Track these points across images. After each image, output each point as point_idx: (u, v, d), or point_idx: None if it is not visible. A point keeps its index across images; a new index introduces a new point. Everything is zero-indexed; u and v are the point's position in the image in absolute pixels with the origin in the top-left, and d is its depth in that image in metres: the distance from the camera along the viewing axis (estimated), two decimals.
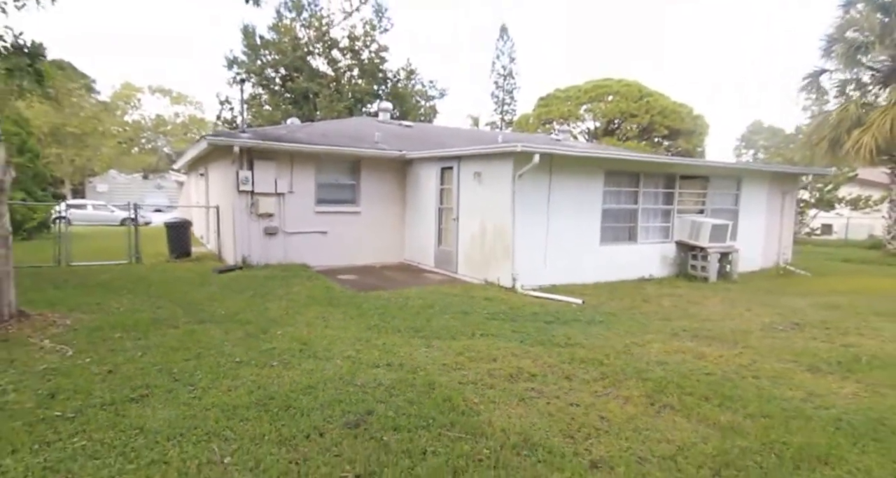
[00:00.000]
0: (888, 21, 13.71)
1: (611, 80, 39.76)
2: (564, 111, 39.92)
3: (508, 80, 50.08)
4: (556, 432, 3.49)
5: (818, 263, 14.30)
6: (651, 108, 37.82)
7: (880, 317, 7.25)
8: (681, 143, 39.66)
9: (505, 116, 48.94)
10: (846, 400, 4.15)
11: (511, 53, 49.58)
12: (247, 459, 3.03)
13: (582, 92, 39.67)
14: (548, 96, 41.86)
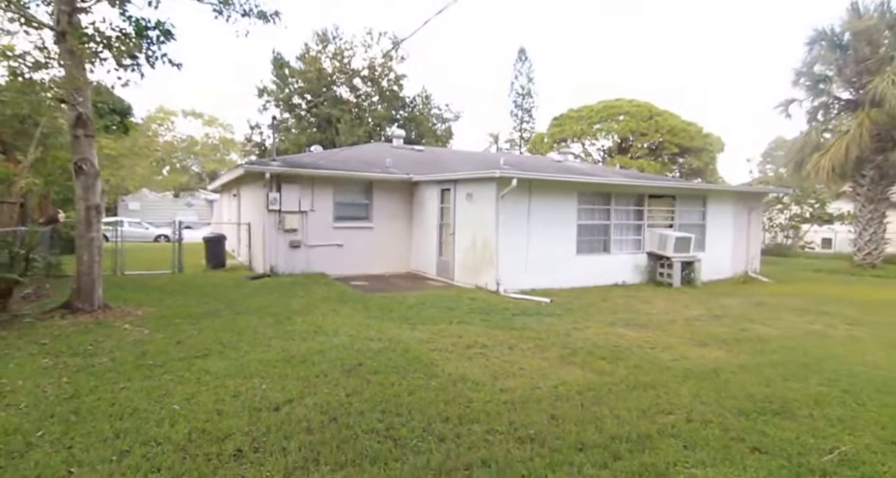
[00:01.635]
0: (845, 58, 15.16)
1: (622, 100, 41.00)
2: (577, 130, 41.24)
3: (527, 99, 52.07)
4: (485, 375, 5.14)
5: (790, 273, 15.57)
6: (660, 127, 38.85)
7: (791, 311, 8.71)
8: (691, 160, 40.66)
9: (524, 134, 50.77)
10: (704, 360, 5.71)
11: (529, 74, 51.63)
12: (276, 387, 4.74)
13: (594, 112, 40.91)
14: (561, 116, 43.19)
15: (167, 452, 3.38)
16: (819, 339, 6.93)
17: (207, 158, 56.21)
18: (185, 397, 4.37)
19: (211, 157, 56.00)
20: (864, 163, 15.60)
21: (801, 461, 3.36)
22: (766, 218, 24.43)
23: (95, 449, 3.41)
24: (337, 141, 30.31)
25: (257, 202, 13.29)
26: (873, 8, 14.95)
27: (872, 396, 4.62)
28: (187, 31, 69.91)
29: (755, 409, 4.27)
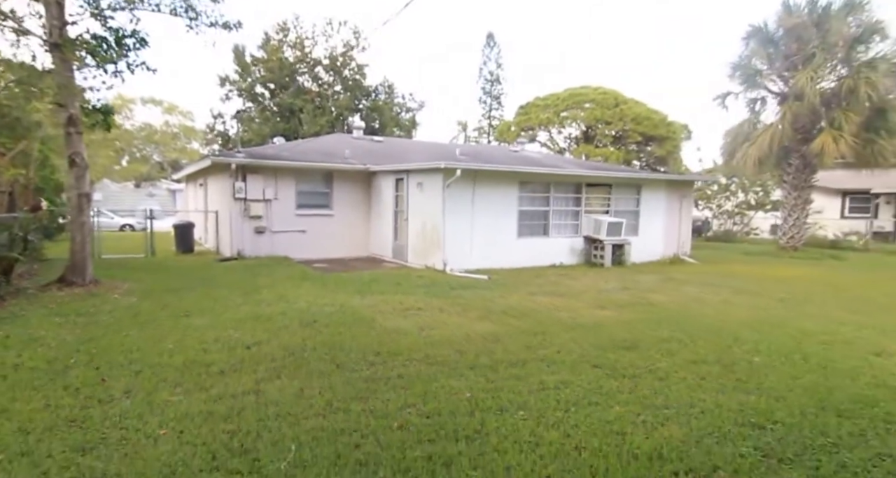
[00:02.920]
0: (776, 54, 16.85)
1: (588, 88, 41.57)
2: (543, 119, 41.99)
3: (496, 85, 53.15)
4: (414, 327, 6.45)
5: (720, 256, 17.37)
6: (625, 115, 39.61)
7: (692, 285, 10.35)
8: (654, 149, 42.13)
9: (493, 122, 51.79)
10: (594, 317, 7.17)
11: (498, 60, 52.60)
12: (247, 335, 5.94)
13: (560, 100, 41.39)
14: (527, 105, 43.74)
15: (169, 371, 4.60)
16: (699, 304, 8.49)
17: (168, 147, 55.57)
18: (176, 341, 5.56)
19: (171, 145, 55.34)
20: (789, 152, 17.39)
21: (624, 373, 4.78)
22: (716, 205, 26.24)
23: (116, 369, 4.62)
24: (299, 131, 31.04)
25: (224, 191, 14.24)
26: (803, 5, 16.51)
27: (704, 337, 6.13)
28: (146, 18, 68.29)
29: (611, 346, 5.71)
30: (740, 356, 5.28)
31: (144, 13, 7.86)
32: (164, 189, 48.11)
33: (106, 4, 7.23)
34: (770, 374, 4.71)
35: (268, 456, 3.13)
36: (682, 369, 4.86)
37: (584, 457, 3.11)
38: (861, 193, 24.84)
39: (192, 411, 3.81)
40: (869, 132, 15.47)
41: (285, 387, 4.31)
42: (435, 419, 3.69)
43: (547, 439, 3.37)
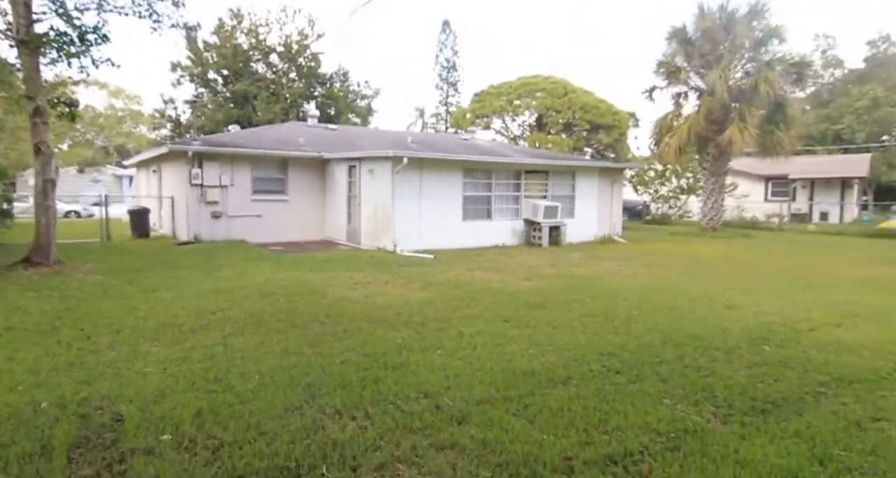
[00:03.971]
0: (693, 52, 18.46)
1: (539, 77, 42.72)
2: (497, 106, 43.04)
3: (452, 72, 53.75)
4: (361, 296, 7.42)
5: (649, 236, 18.95)
6: (573, 104, 41.11)
7: (613, 261, 11.71)
8: (602, 136, 43.84)
9: (450, 108, 52.32)
10: (518, 286, 8.31)
11: (454, 46, 53.10)
12: (212, 305, 6.76)
13: (513, 88, 42.44)
14: (482, 92, 44.45)
15: (145, 331, 5.43)
16: (611, 275, 9.78)
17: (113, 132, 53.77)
18: (148, 310, 6.36)
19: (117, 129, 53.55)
20: (707, 142, 19.12)
21: (527, 324, 5.91)
22: (653, 190, 28.00)
23: (98, 329, 5.42)
24: (253, 118, 31.09)
25: (180, 177, 14.70)
26: (715, 9, 18.28)
27: (602, 299, 7.37)
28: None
29: (524, 306, 6.85)
30: (623, 311, 6.51)
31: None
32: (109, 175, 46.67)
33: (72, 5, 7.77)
34: (639, 322, 5.94)
35: (237, 382, 4.06)
36: (573, 321, 6.03)
37: (478, 375, 4.19)
38: (780, 178, 27.16)
39: (170, 357, 4.68)
40: (770, 124, 17.33)
41: (248, 340, 5.22)
42: (370, 357, 4.70)
43: (454, 366, 4.43)
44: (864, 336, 5.38)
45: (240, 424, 3.28)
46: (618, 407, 3.49)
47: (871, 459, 2.94)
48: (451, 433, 3.13)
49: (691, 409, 3.49)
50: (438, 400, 3.65)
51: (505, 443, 2.99)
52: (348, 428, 3.23)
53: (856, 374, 4.19)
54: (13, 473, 2.76)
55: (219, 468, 2.76)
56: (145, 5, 8.55)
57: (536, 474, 2.68)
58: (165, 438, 3.12)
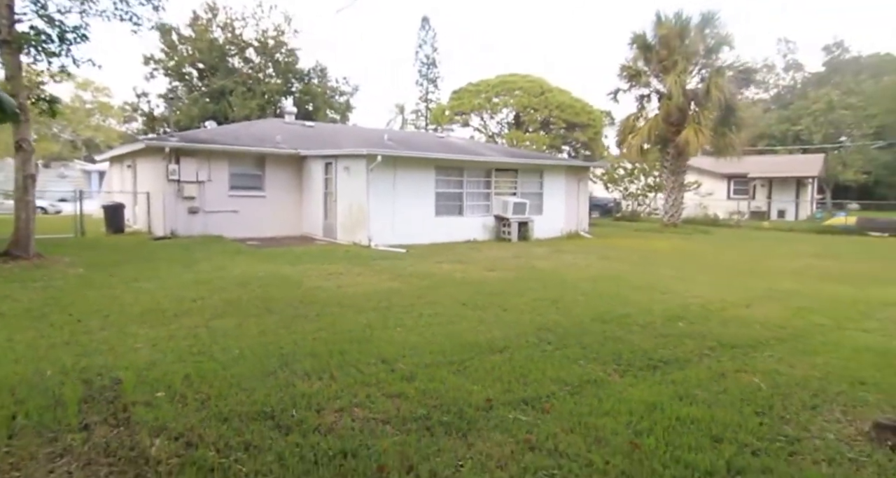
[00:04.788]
0: (652, 57, 19.44)
1: (517, 75, 43.37)
2: (475, 104, 43.60)
3: (432, 69, 54.20)
4: (334, 285, 8.02)
5: (614, 232, 19.86)
6: (550, 103, 41.92)
7: (572, 254, 12.49)
8: (578, 135, 44.76)
9: (429, 105, 52.69)
10: (481, 277, 9.00)
11: (433, 43, 53.54)
12: (192, 293, 7.29)
13: (490, 86, 43.07)
14: (460, 90, 44.87)
15: (131, 316, 5.95)
16: (568, 267, 10.54)
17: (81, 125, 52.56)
18: (131, 299, 6.86)
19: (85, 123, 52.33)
20: (667, 142, 20.14)
21: (482, 307, 6.59)
22: (623, 188, 28.99)
23: (87, 315, 5.93)
24: (229, 113, 31.23)
25: (157, 173, 15.03)
26: (672, 17, 19.32)
27: (554, 286, 8.10)
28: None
29: (482, 293, 7.54)
30: (570, 297, 7.25)
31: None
32: (77, 170, 45.75)
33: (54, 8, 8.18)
34: (581, 306, 6.68)
35: (219, 354, 4.65)
36: (523, 305, 6.74)
37: (430, 346, 4.85)
38: (741, 177, 28.44)
39: (158, 336, 5.23)
40: (722, 127, 18.42)
41: (228, 323, 5.78)
42: (339, 335, 5.31)
43: (410, 340, 5.09)
44: (763, 314, 6.22)
45: (223, 383, 3.88)
46: (539, 367, 4.20)
47: (714, 394, 3.82)
48: (400, 387, 3.79)
49: (598, 367, 4.22)
50: (393, 365, 4.30)
51: (442, 392, 3.67)
52: (315, 385, 3.86)
53: (740, 341, 4.99)
54: (34, 419, 3.32)
55: (207, 413, 3.37)
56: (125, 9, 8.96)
57: (462, 411, 3.36)
58: (160, 394, 3.71)
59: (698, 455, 2.86)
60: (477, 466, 2.77)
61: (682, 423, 3.24)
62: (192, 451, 2.94)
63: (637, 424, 3.23)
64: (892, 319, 6.22)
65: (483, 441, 3.04)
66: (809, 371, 4.21)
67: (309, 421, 3.28)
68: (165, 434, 3.12)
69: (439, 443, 3.01)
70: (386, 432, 3.16)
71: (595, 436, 3.08)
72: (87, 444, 3.02)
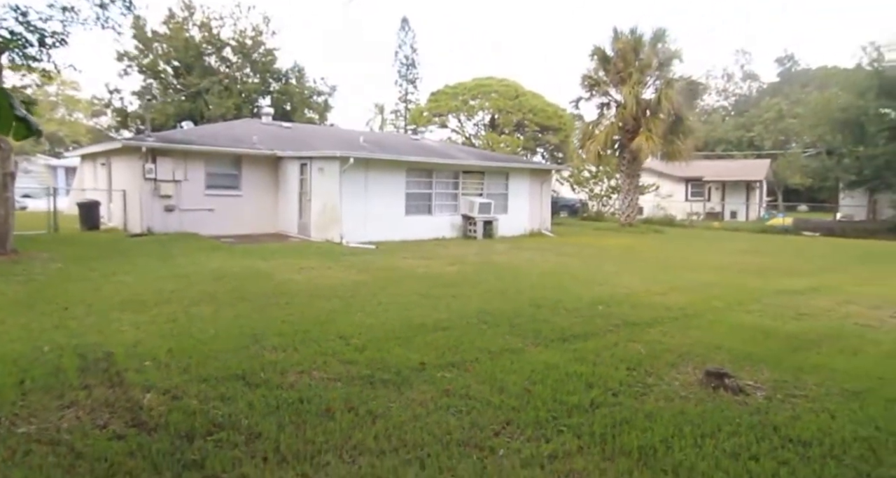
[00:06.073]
0: (611, 69, 20.59)
1: (493, 79, 44.29)
2: (453, 106, 44.46)
3: (411, 69, 54.74)
4: (304, 279, 8.71)
5: (575, 231, 20.87)
6: (524, 106, 42.99)
7: (530, 251, 13.36)
8: (550, 138, 45.94)
9: (409, 105, 53.23)
10: (441, 271, 9.80)
11: (413, 44, 54.09)
12: (170, 286, 7.91)
13: (467, 89, 43.96)
14: (438, 92, 45.57)
15: (113, 305, 6.58)
16: (524, 262, 11.41)
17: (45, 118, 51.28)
18: (112, 290, 7.48)
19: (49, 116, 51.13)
20: (623, 148, 21.31)
21: (436, 297, 7.38)
22: (588, 189, 30.12)
23: (72, 304, 6.54)
24: (206, 112, 31.46)
25: (133, 171, 15.48)
26: (627, 32, 20.51)
27: (505, 279, 8.94)
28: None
29: (440, 285, 8.33)
30: (518, 288, 8.10)
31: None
32: (41, 165, 44.80)
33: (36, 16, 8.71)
34: (524, 294, 7.53)
35: (197, 334, 5.34)
36: (474, 294, 7.55)
37: (383, 326, 5.62)
38: (697, 180, 29.90)
39: (140, 320, 5.89)
40: (672, 135, 19.69)
41: (204, 310, 6.46)
42: (305, 319, 6.04)
43: (367, 322, 5.85)
44: (673, 300, 7.17)
45: (202, 355, 4.60)
46: (471, 340, 5.02)
47: (603, 357, 4.72)
48: (353, 356, 4.56)
49: (519, 340, 5.07)
50: (349, 340, 5.07)
51: (386, 359, 4.45)
52: (281, 355, 4.61)
53: (642, 320, 5.91)
54: (40, 383, 4.00)
55: (189, 376, 4.09)
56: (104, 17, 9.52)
57: (400, 371, 4.15)
58: (147, 363, 4.41)
59: (572, 396, 3.71)
60: (403, 405, 3.56)
61: (569, 376, 4.09)
62: (177, 401, 3.67)
63: (535, 378, 4.06)
64: (774, 304, 7.23)
65: (412, 391, 3.83)
66: (685, 341, 5.14)
67: (274, 380, 4.03)
68: (155, 391, 3.83)
69: (377, 393, 3.79)
70: (336, 386, 3.93)
71: (500, 386, 3.90)
72: (89, 398, 3.72)
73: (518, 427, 3.37)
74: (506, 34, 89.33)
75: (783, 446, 3.20)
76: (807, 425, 3.46)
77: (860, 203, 22.73)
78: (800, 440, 3.27)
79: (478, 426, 3.36)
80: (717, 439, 3.25)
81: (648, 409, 3.64)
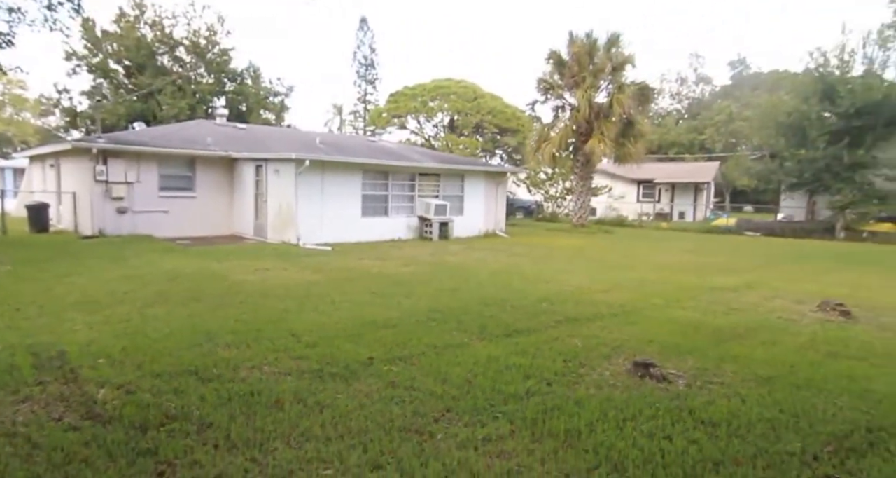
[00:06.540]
0: (565, 73, 21.30)
1: (451, 80, 44.66)
2: (412, 107, 44.61)
3: (370, 70, 54.60)
4: (258, 279, 8.81)
5: (528, 232, 21.45)
6: (482, 108, 43.55)
7: (482, 251, 13.78)
8: (508, 140, 46.67)
9: (368, 106, 53.04)
10: (396, 270, 10.05)
11: (371, 44, 53.97)
12: (123, 287, 7.90)
13: (426, 90, 44.22)
14: (397, 93, 45.64)
15: (66, 305, 6.59)
16: (476, 262, 11.79)
17: None
18: (64, 291, 7.43)
19: None
20: (577, 150, 22.07)
21: (388, 295, 7.64)
22: (544, 191, 30.85)
23: (24, 305, 6.51)
24: (158, 113, 30.70)
25: (83, 173, 15.11)
26: (583, 36, 21.26)
27: (456, 278, 9.28)
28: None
29: (393, 284, 8.59)
30: (468, 286, 8.45)
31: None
32: None
33: None
34: (473, 293, 7.89)
35: (152, 333, 5.44)
36: (425, 293, 7.86)
37: (335, 324, 5.85)
38: (648, 182, 31.18)
39: (93, 321, 5.93)
40: (623, 138, 20.56)
41: (158, 310, 6.53)
42: (258, 318, 6.20)
43: (319, 320, 6.07)
44: (614, 297, 7.67)
45: (155, 352, 4.73)
46: (419, 336, 5.32)
47: (542, 350, 5.05)
48: (304, 352, 4.79)
49: (465, 335, 5.40)
50: (301, 338, 5.28)
51: (336, 354, 4.70)
52: (234, 352, 4.79)
53: (583, 316, 6.34)
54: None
55: (143, 372, 4.24)
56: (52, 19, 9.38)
57: (349, 365, 4.41)
58: (101, 360, 4.52)
59: (510, 386, 4.05)
60: (350, 396, 3.83)
61: (509, 368, 4.44)
62: (131, 395, 3.82)
63: (477, 370, 4.39)
64: (708, 300, 7.83)
65: (360, 383, 4.10)
66: (621, 335, 5.58)
67: (226, 375, 4.22)
68: (109, 386, 3.98)
69: (326, 385, 4.04)
70: (287, 380, 4.16)
71: (443, 378, 4.21)
72: (44, 393, 3.84)
73: (457, 414, 3.68)
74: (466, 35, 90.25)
75: (695, 427, 3.60)
76: (719, 409, 3.89)
77: (800, 205, 24.09)
78: (711, 422, 3.68)
79: (420, 414, 3.65)
80: (637, 422, 3.63)
81: (579, 396, 4.01)
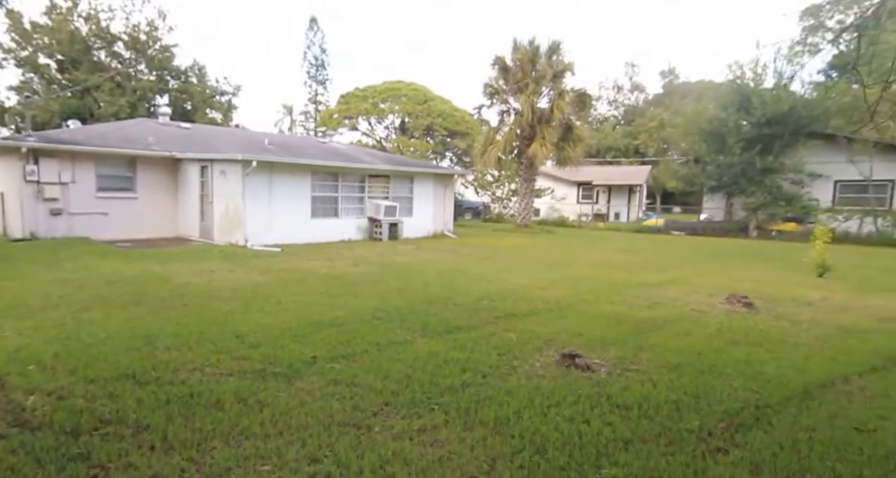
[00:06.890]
0: (509, 78, 21.90)
1: (402, 83, 44.82)
2: (363, 109, 44.39)
3: (320, 70, 53.82)
4: (204, 281, 8.68)
5: (475, 232, 21.83)
6: (432, 111, 43.92)
7: (430, 251, 13.99)
8: (458, 142, 47.16)
9: (318, 106, 52.25)
10: (345, 271, 10.10)
11: (322, 44, 53.20)
12: (59, 291, 7.62)
13: (377, 92, 44.17)
14: (348, 94, 45.39)
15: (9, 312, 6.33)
16: (423, 262, 11.97)
17: None
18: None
19: None
20: (521, 153, 22.70)
21: (336, 295, 7.71)
22: (491, 193, 31.37)
23: None
24: (95, 110, 29.39)
25: (11, 173, 14.34)
26: (527, 43, 21.86)
27: (404, 278, 9.43)
28: None
29: (341, 284, 8.65)
30: (414, 286, 8.61)
31: None
32: None
33: None
34: (419, 292, 8.06)
35: (87, 338, 5.32)
36: (372, 293, 7.97)
37: (281, 325, 5.89)
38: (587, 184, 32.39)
39: (23, 326, 5.73)
40: (563, 142, 21.39)
41: (95, 315, 6.36)
42: (202, 319, 6.14)
43: (265, 321, 6.09)
44: (550, 294, 8.03)
45: (90, 357, 4.66)
46: (363, 335, 5.44)
47: (479, 345, 5.27)
48: (247, 352, 4.83)
49: (408, 333, 5.56)
50: (244, 338, 5.30)
51: (280, 354, 4.76)
52: (174, 355, 4.77)
53: (520, 312, 6.64)
54: None
55: (76, 377, 4.18)
56: None
57: (292, 364, 4.49)
58: (31, 367, 4.42)
59: (447, 379, 4.24)
60: (291, 394, 3.92)
61: (447, 363, 4.63)
62: (62, 401, 3.78)
63: (416, 365, 4.56)
64: (634, 295, 8.31)
65: (302, 382, 4.19)
66: (553, 329, 5.88)
67: (165, 378, 4.22)
68: (39, 392, 3.91)
69: (268, 385, 4.12)
70: (228, 381, 4.20)
71: (384, 374, 4.36)
72: None
73: (395, 407, 3.83)
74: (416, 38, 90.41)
75: (611, 411, 3.90)
76: (633, 393, 4.21)
77: (720, 206, 25.62)
78: (625, 405, 3.99)
79: (359, 409, 3.79)
80: (560, 408, 3.89)
81: (510, 387, 4.24)
